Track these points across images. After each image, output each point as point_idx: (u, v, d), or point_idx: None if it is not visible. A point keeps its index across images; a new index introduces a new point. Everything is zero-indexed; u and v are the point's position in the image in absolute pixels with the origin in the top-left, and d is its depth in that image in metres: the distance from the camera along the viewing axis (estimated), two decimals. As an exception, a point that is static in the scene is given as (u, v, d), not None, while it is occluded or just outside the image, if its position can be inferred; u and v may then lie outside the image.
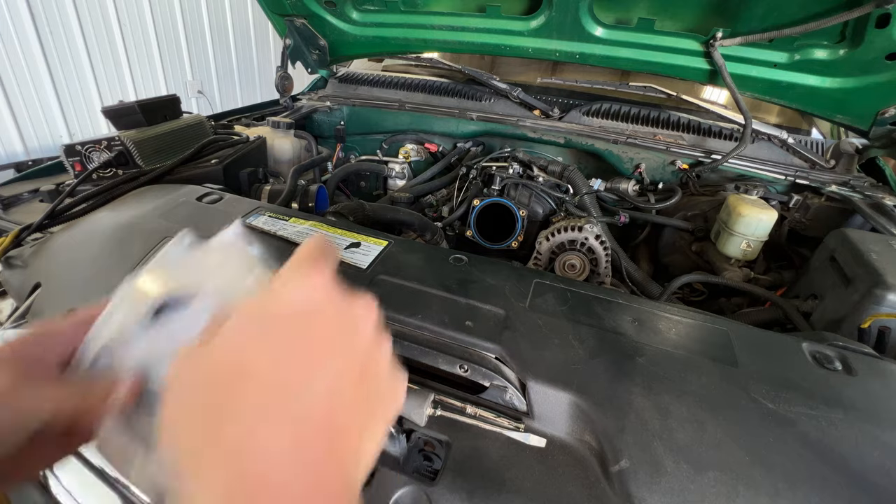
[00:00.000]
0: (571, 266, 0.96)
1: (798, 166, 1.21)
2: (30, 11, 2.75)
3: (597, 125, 1.37)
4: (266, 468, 0.20)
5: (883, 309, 0.68)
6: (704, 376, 0.56)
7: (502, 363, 0.59)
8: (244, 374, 0.22)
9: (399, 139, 1.51)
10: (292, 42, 1.48)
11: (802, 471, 0.47)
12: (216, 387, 0.22)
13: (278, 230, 0.83)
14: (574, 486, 0.48)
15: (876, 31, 0.91)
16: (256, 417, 0.21)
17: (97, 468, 0.58)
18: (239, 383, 0.22)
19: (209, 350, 0.23)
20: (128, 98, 2.50)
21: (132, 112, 1.07)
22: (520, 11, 1.22)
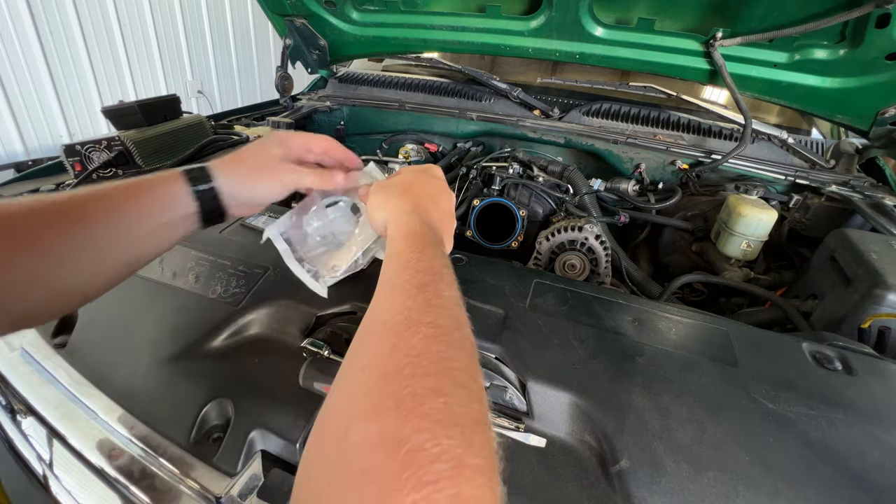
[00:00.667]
0: (571, 266, 0.96)
1: (798, 166, 1.21)
2: (30, 11, 2.75)
3: (597, 125, 1.37)
4: (422, 204, 0.53)
5: (883, 309, 0.68)
6: (704, 376, 0.56)
7: (502, 363, 0.59)
8: (411, 187, 0.56)
9: (399, 139, 1.51)
10: (292, 42, 1.48)
11: (802, 471, 0.47)
12: (406, 189, 0.55)
13: (278, 230, 0.83)
14: (574, 486, 0.48)
15: (876, 31, 0.91)
16: (422, 195, 0.55)
17: (97, 468, 0.58)
18: (409, 189, 0.55)
19: (391, 179, 0.58)
20: (128, 98, 2.50)
21: (132, 112, 1.07)
22: (520, 11, 1.22)
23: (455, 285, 0.42)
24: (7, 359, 0.70)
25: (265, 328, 0.67)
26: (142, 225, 0.47)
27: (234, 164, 0.54)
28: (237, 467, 0.52)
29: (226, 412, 0.57)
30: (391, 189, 0.55)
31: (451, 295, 0.39)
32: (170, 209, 0.49)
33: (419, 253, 0.43)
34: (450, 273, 0.43)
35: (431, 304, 0.37)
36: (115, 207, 0.45)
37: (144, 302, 0.71)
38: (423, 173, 0.59)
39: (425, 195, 0.55)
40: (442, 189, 0.58)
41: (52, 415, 0.62)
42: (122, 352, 0.65)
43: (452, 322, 0.36)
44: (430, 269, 0.41)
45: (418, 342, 0.32)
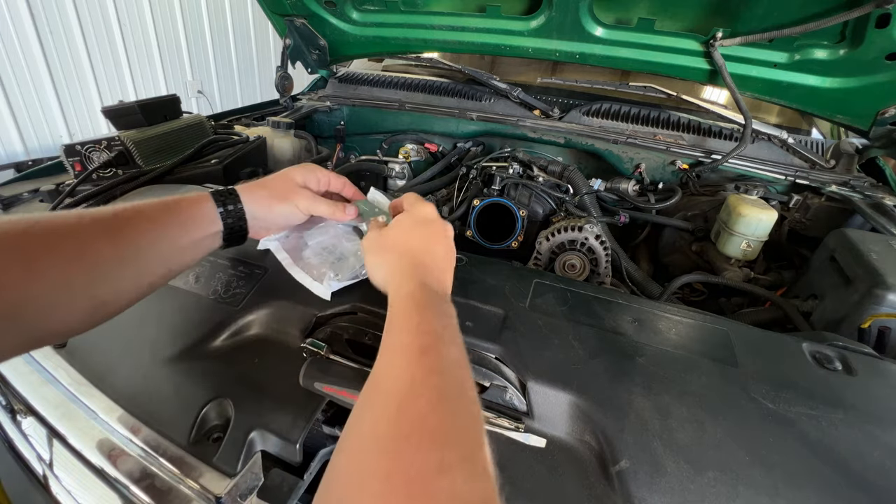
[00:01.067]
0: (571, 266, 0.96)
1: (798, 166, 1.21)
2: (30, 11, 2.75)
3: (597, 125, 1.37)
4: (420, 261, 0.54)
5: (883, 309, 0.68)
6: (704, 376, 0.56)
7: (502, 363, 0.59)
8: (408, 243, 0.56)
9: (399, 139, 1.51)
10: (292, 42, 1.48)
11: (802, 471, 0.47)
12: (402, 246, 0.56)
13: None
14: (574, 486, 0.48)
15: (876, 31, 0.91)
16: (419, 251, 0.55)
17: (97, 468, 0.58)
18: (406, 247, 0.56)
19: (386, 232, 0.59)
20: (128, 98, 2.50)
21: (132, 112, 1.07)
22: (520, 11, 1.22)
23: (458, 342, 0.43)
24: (7, 359, 0.70)
25: (265, 328, 0.67)
26: (177, 241, 0.52)
27: (258, 188, 0.60)
28: (237, 467, 0.52)
29: (226, 412, 0.57)
30: (388, 248, 0.57)
31: (454, 356, 0.40)
32: (200, 227, 0.54)
33: (419, 315, 0.44)
34: (452, 330, 0.44)
35: (434, 370, 0.38)
36: (156, 224, 0.50)
37: (144, 302, 0.71)
38: (418, 225, 0.58)
39: (422, 251, 0.55)
40: (438, 236, 0.58)
41: (52, 415, 0.62)
42: (122, 352, 0.65)
43: (456, 387, 0.37)
44: (431, 332, 0.42)
45: (423, 408, 0.33)
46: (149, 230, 0.49)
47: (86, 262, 0.44)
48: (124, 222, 0.47)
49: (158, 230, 0.50)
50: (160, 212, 0.51)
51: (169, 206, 0.52)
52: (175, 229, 0.52)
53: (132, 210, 0.49)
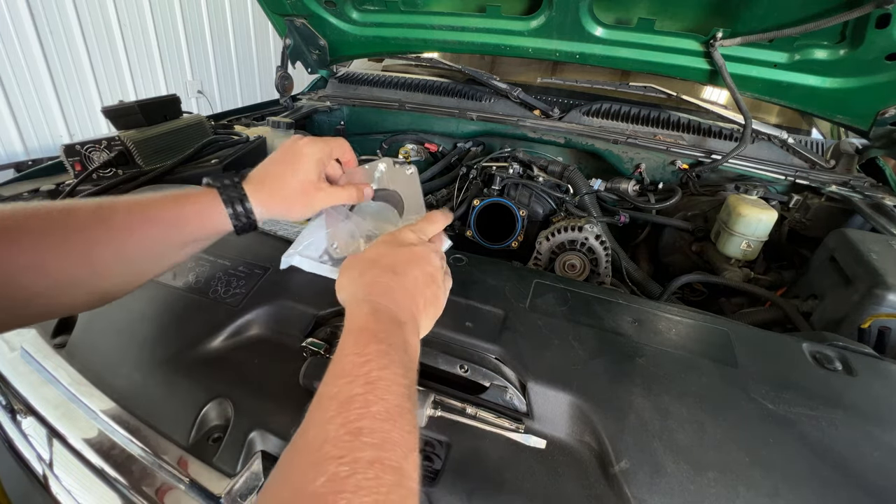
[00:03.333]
0: (571, 266, 0.96)
1: (798, 166, 1.21)
2: (30, 11, 2.75)
3: (597, 125, 1.37)
4: (381, 281, 0.48)
5: (883, 309, 0.68)
6: (704, 377, 0.56)
7: (502, 363, 0.59)
8: (374, 264, 0.51)
9: (399, 139, 1.51)
10: (292, 42, 1.48)
11: (802, 471, 0.47)
12: (367, 265, 0.51)
13: (278, 230, 0.83)
14: (574, 486, 0.48)
15: (876, 32, 0.91)
16: (385, 276, 0.49)
17: (97, 468, 0.58)
18: (377, 265, 0.50)
19: (364, 255, 0.53)
20: (128, 98, 2.50)
21: (132, 112, 1.07)
22: (520, 11, 1.22)
23: (397, 388, 0.37)
24: (7, 359, 0.70)
25: (265, 328, 0.67)
26: (183, 240, 0.53)
27: (271, 193, 0.58)
28: (237, 467, 0.51)
29: (226, 412, 0.57)
30: (354, 268, 0.51)
31: (381, 410, 0.34)
32: (206, 227, 0.55)
33: (358, 354, 0.39)
34: (391, 375, 0.38)
35: (351, 431, 0.32)
36: (164, 225, 0.51)
37: (144, 302, 0.71)
38: (394, 246, 0.53)
39: (388, 270, 0.49)
40: (415, 259, 0.52)
41: (52, 415, 0.62)
42: (122, 352, 0.65)
43: (370, 454, 0.31)
44: (364, 376, 0.37)
45: (321, 487, 0.29)
46: (155, 227, 0.50)
47: (91, 262, 0.46)
48: (131, 220, 0.49)
49: (163, 230, 0.51)
50: (166, 210, 0.52)
51: (174, 204, 0.52)
52: (181, 230, 0.52)
53: (139, 207, 0.50)
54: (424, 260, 0.52)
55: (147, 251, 0.50)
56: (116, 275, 0.49)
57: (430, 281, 0.51)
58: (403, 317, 0.46)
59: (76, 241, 0.45)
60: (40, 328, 0.73)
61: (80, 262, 0.46)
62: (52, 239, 0.44)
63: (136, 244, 0.49)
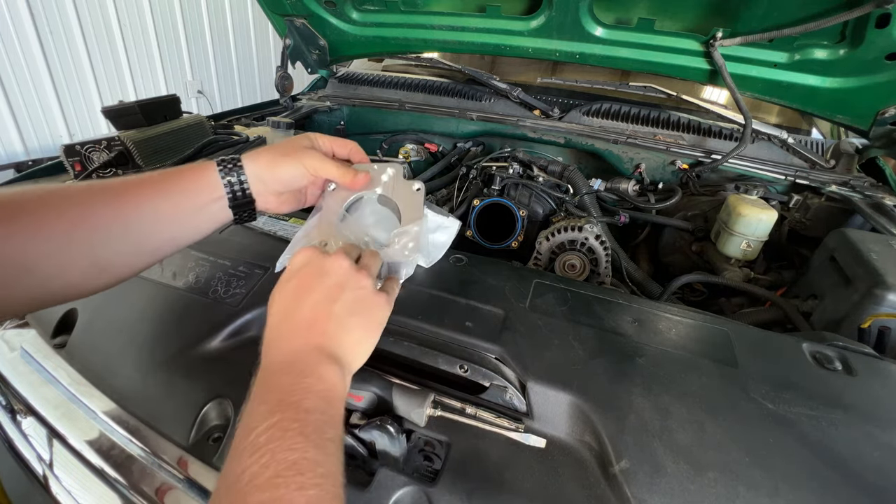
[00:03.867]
0: (571, 266, 0.96)
1: (798, 166, 1.21)
2: (30, 11, 2.75)
3: (597, 125, 1.37)
4: (274, 339, 0.44)
5: (883, 309, 0.68)
6: (704, 377, 0.56)
7: (502, 363, 0.59)
8: (273, 311, 0.46)
9: (399, 139, 1.51)
10: (292, 42, 1.48)
11: (802, 471, 0.47)
12: (270, 303, 0.47)
13: (278, 230, 0.83)
14: (574, 486, 0.48)
15: (876, 31, 0.91)
16: (277, 326, 0.45)
17: (97, 468, 0.58)
18: (275, 314, 0.46)
19: (272, 293, 0.48)
20: (128, 98, 2.50)
21: (132, 112, 1.07)
22: (520, 11, 1.22)
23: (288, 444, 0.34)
24: (7, 359, 0.70)
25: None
26: (179, 206, 0.52)
27: (262, 151, 0.58)
28: (237, 467, 0.51)
29: (225, 412, 0.57)
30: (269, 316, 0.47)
31: (268, 476, 0.32)
32: (202, 192, 0.53)
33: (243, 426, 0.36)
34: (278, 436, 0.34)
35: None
36: (158, 189, 0.51)
37: (144, 302, 0.71)
38: (280, 283, 0.48)
39: (279, 318, 0.45)
40: (302, 285, 0.46)
41: (52, 415, 0.62)
42: (122, 352, 0.65)
43: None
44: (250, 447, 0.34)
45: None
46: (151, 196, 0.50)
47: (88, 224, 0.46)
48: (128, 188, 0.49)
49: (160, 195, 0.51)
50: (163, 178, 0.52)
51: (171, 173, 0.53)
52: (177, 195, 0.52)
53: (136, 178, 0.51)
54: (314, 279, 0.47)
55: (144, 219, 0.50)
56: (116, 244, 0.48)
57: (334, 297, 0.46)
58: (303, 362, 0.41)
59: (73, 211, 0.45)
60: (40, 328, 0.73)
61: (77, 226, 0.45)
62: (49, 210, 0.44)
63: (133, 210, 0.49)
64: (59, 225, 0.44)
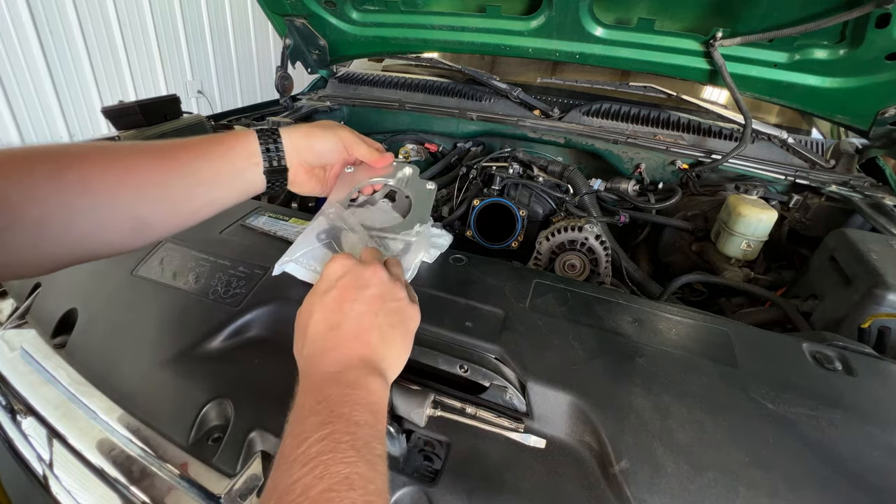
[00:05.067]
0: (571, 266, 0.96)
1: (798, 166, 1.21)
2: (30, 11, 2.75)
3: (597, 125, 1.37)
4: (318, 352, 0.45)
5: (883, 309, 0.68)
6: (704, 377, 0.56)
7: (502, 363, 0.59)
8: (310, 325, 0.47)
9: (399, 139, 1.51)
10: (292, 42, 1.48)
11: (802, 471, 0.47)
12: (303, 333, 0.47)
13: (278, 230, 0.83)
14: (574, 486, 0.48)
15: (876, 31, 0.91)
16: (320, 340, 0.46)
17: (97, 468, 0.58)
18: (314, 329, 0.46)
19: (299, 322, 0.49)
20: (128, 98, 2.50)
21: (132, 112, 1.07)
22: (520, 11, 1.22)
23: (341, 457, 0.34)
24: (7, 359, 0.70)
25: (265, 328, 0.67)
26: (219, 168, 0.54)
27: (299, 125, 0.62)
28: (237, 467, 0.52)
29: (225, 412, 0.57)
30: (299, 341, 0.48)
31: (323, 488, 0.32)
32: (241, 158, 0.56)
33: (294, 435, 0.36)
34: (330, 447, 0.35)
35: None
36: (199, 151, 0.53)
37: (144, 302, 0.71)
38: (315, 295, 0.49)
39: (321, 331, 0.46)
40: (342, 297, 0.47)
41: (52, 415, 0.62)
42: (122, 352, 0.65)
43: None
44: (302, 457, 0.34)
45: None
46: (192, 158, 0.52)
47: (131, 182, 0.47)
48: (171, 150, 0.51)
49: (201, 158, 0.53)
50: (204, 143, 0.54)
51: (213, 139, 0.56)
52: (217, 160, 0.54)
53: (179, 142, 0.53)
54: (355, 290, 0.47)
55: (184, 180, 0.51)
56: (157, 203, 0.49)
57: (376, 309, 0.47)
58: (352, 374, 0.42)
59: (117, 168, 0.47)
60: (40, 328, 0.73)
61: (121, 183, 0.46)
62: (94, 167, 0.45)
63: (175, 171, 0.50)
64: (104, 181, 0.45)
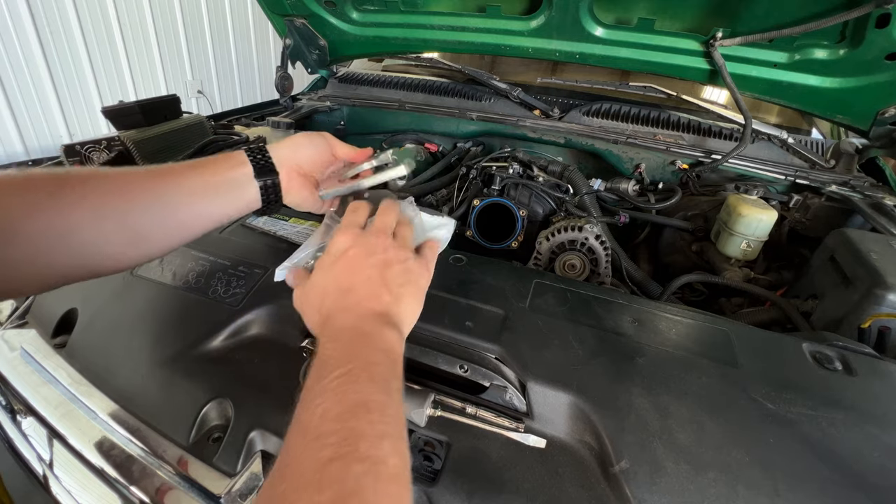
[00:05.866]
0: (571, 266, 0.96)
1: (798, 166, 1.21)
2: (30, 11, 2.75)
3: (597, 125, 1.37)
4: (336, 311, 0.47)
5: (883, 309, 0.68)
6: (704, 377, 0.56)
7: (502, 363, 0.59)
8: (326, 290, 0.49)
9: (399, 139, 1.51)
10: (292, 42, 1.48)
11: (802, 471, 0.47)
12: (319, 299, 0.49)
13: (278, 230, 0.83)
14: (574, 486, 0.48)
15: (876, 31, 0.91)
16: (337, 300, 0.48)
17: (97, 468, 0.58)
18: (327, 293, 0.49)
19: (310, 290, 0.50)
20: (128, 98, 2.50)
21: (132, 112, 1.07)
22: (520, 11, 1.22)
23: (359, 388, 0.37)
24: (7, 359, 0.70)
25: (265, 328, 0.67)
26: (208, 182, 0.55)
27: (285, 141, 0.63)
28: (237, 467, 0.52)
29: (226, 412, 0.57)
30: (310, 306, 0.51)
31: (340, 411, 0.35)
32: (228, 166, 0.57)
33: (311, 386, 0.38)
34: (347, 383, 0.37)
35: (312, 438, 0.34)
36: (190, 167, 0.54)
37: (144, 302, 0.71)
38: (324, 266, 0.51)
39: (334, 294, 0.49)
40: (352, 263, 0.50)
41: (52, 415, 0.62)
42: (122, 352, 0.65)
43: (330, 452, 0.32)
44: (319, 393, 0.37)
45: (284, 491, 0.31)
46: (182, 171, 0.53)
47: (123, 196, 0.49)
48: (162, 168, 0.53)
49: (191, 171, 0.54)
50: (195, 161, 0.55)
51: (203, 159, 0.56)
52: (206, 172, 0.55)
53: (169, 164, 0.54)
54: (363, 257, 0.50)
55: (175, 193, 0.52)
56: (150, 216, 0.50)
57: (384, 271, 0.50)
58: (367, 325, 0.46)
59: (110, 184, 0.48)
60: (40, 328, 0.73)
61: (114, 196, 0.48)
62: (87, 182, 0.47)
63: (166, 185, 0.51)
64: (100, 195, 0.47)
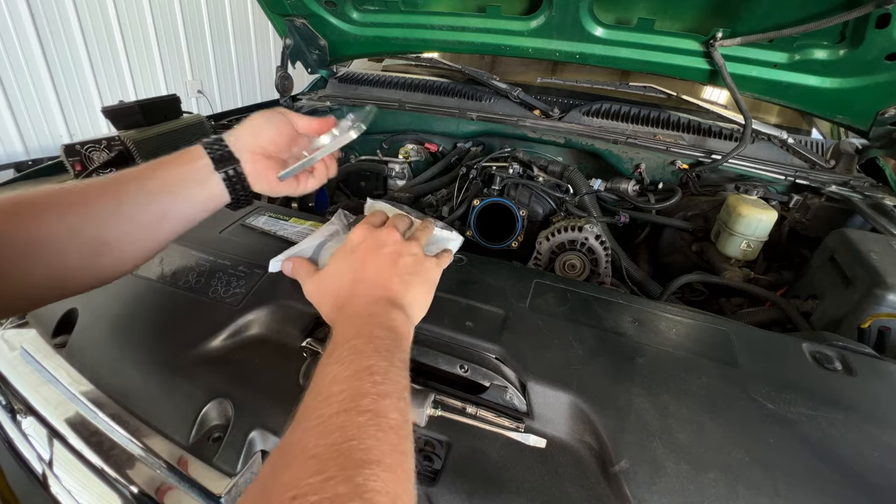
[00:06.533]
0: (571, 266, 0.96)
1: (798, 166, 1.21)
2: (30, 11, 2.75)
3: (597, 125, 1.37)
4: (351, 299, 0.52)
5: (883, 309, 0.68)
6: (704, 377, 0.56)
7: (502, 363, 0.59)
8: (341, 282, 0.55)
9: (399, 139, 1.51)
10: (292, 42, 1.48)
11: (802, 471, 0.47)
12: (334, 289, 0.55)
13: (278, 230, 0.83)
14: (574, 486, 0.48)
15: (876, 32, 0.91)
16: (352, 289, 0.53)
17: (97, 468, 0.58)
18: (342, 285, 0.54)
19: (325, 283, 0.57)
20: (128, 98, 2.50)
21: (132, 112, 1.07)
22: (520, 11, 1.22)
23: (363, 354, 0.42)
24: (7, 359, 0.70)
25: (265, 328, 0.67)
26: (167, 179, 0.54)
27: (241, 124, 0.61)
28: (237, 467, 0.52)
29: (226, 412, 0.57)
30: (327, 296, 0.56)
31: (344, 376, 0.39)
32: (185, 159, 0.56)
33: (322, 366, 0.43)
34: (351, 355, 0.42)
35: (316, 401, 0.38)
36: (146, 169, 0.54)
37: (144, 302, 0.71)
38: (338, 260, 0.57)
39: (350, 284, 0.54)
40: (363, 258, 0.56)
41: (52, 414, 0.62)
42: (123, 352, 0.65)
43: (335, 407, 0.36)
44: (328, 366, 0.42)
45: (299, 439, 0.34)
46: (139, 173, 0.53)
47: (81, 204, 0.48)
48: (119, 174, 0.53)
49: (148, 171, 0.54)
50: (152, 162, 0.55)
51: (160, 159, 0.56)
52: (163, 169, 0.55)
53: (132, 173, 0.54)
54: (374, 249, 0.56)
55: (135, 193, 0.52)
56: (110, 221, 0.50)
57: (394, 261, 0.55)
58: (375, 308, 0.50)
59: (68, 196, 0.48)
60: (40, 328, 0.73)
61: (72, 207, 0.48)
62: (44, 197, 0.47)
63: (125, 187, 0.51)
64: (55, 210, 0.47)
